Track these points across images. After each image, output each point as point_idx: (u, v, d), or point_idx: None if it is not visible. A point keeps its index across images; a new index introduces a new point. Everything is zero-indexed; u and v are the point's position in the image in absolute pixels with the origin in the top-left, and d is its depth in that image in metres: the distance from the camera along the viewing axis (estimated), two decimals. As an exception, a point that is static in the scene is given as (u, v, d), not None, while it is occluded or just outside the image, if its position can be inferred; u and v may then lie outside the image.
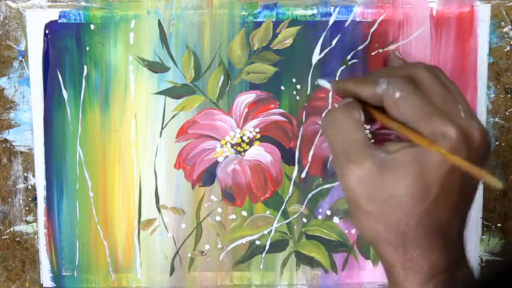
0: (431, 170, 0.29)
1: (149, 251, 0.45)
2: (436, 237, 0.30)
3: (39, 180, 0.44)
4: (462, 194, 0.31)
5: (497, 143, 0.44)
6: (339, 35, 0.43)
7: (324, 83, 0.39)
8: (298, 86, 0.44)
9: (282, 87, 0.44)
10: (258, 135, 0.44)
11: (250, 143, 0.44)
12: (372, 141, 0.44)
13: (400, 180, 0.30)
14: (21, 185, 0.44)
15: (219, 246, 0.45)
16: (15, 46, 0.43)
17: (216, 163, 0.44)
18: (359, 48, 0.43)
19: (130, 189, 0.44)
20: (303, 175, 0.44)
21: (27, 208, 0.45)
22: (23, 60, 0.43)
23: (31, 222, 0.45)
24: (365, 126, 0.33)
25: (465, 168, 0.29)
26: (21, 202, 0.44)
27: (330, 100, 0.44)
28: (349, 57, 0.43)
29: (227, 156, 0.44)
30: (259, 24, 0.43)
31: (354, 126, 0.32)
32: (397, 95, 0.30)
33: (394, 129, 0.32)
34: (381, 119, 0.32)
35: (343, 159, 0.31)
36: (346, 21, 0.43)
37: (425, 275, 0.30)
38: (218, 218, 0.45)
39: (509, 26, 0.43)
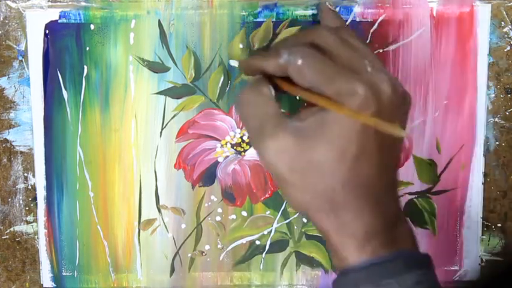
0: (343, 130, 0.29)
1: (149, 251, 0.45)
2: (365, 198, 0.30)
3: (39, 180, 0.44)
4: (382, 150, 0.30)
5: (497, 143, 0.44)
6: (339, 35, 0.43)
7: (234, 63, 0.39)
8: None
9: (282, 87, 0.44)
10: (258, 135, 0.44)
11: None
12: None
13: (316, 146, 0.29)
14: (21, 185, 0.44)
15: (219, 246, 0.45)
16: (15, 46, 0.43)
17: (216, 163, 0.44)
18: (359, 48, 0.43)
19: (130, 189, 0.44)
20: (303, 175, 0.44)
21: (27, 208, 0.45)
22: (23, 60, 0.43)
23: (31, 222, 0.45)
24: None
25: (374, 125, 0.28)
26: (21, 202, 0.44)
27: (330, 100, 0.44)
28: (349, 57, 0.43)
29: (227, 157, 0.44)
30: (259, 24, 0.43)
31: (264, 102, 0.32)
32: (299, 62, 0.30)
33: (303, 98, 0.32)
34: (288, 89, 0.32)
35: (259, 136, 0.31)
36: (346, 21, 0.43)
37: (361, 239, 0.30)
38: (218, 218, 0.45)
39: (509, 26, 0.43)
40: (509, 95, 0.44)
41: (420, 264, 0.30)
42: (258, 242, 0.45)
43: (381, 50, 0.43)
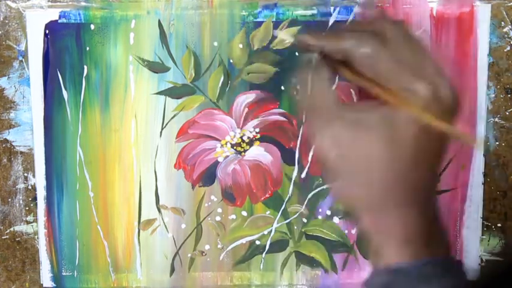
0: (402, 129, 0.28)
1: (149, 251, 0.45)
2: (413, 201, 0.30)
3: (39, 180, 0.44)
4: (435, 153, 0.30)
5: (497, 143, 0.44)
6: (339, 35, 0.43)
7: (283, 35, 0.37)
8: (298, 86, 0.44)
9: (282, 87, 0.44)
10: (258, 135, 0.44)
11: (250, 143, 0.44)
12: None
13: (373, 140, 0.29)
14: (21, 185, 0.44)
15: (219, 246, 0.45)
16: (15, 46, 0.43)
17: (216, 163, 0.44)
18: (359, 48, 0.43)
19: (130, 189, 0.44)
20: (303, 175, 0.44)
21: (27, 208, 0.45)
22: (23, 60, 0.43)
23: (31, 222, 0.45)
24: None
25: (437, 126, 0.28)
26: (21, 202, 0.44)
27: (330, 100, 0.44)
28: (349, 57, 0.43)
29: (227, 156, 0.44)
30: (259, 24, 0.43)
31: (323, 87, 0.31)
32: (366, 50, 0.29)
33: (362, 86, 0.31)
34: (348, 76, 0.31)
35: (315, 121, 0.30)
36: (346, 21, 0.43)
37: (402, 242, 0.29)
38: (218, 218, 0.45)
39: (509, 26, 0.43)
40: (509, 95, 0.44)
41: (456, 270, 0.30)
42: (258, 242, 0.45)
43: (380, 50, 0.43)
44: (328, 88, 0.31)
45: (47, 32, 0.42)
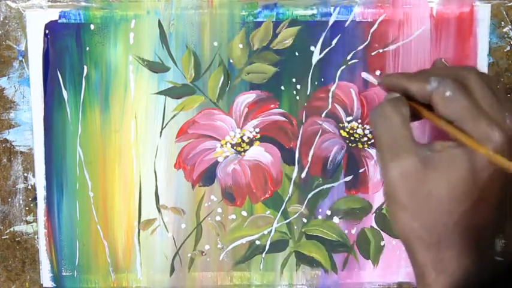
0: (475, 172, 0.29)
1: (149, 251, 0.45)
2: (471, 240, 0.30)
3: (39, 180, 0.44)
4: (501, 197, 0.31)
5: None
6: (339, 35, 0.43)
7: (368, 76, 0.40)
8: (298, 86, 0.44)
9: (282, 87, 0.44)
10: (258, 135, 0.44)
11: (250, 143, 0.44)
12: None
13: (443, 180, 0.30)
14: (21, 185, 0.44)
15: (219, 246, 0.45)
16: (15, 46, 0.43)
17: (216, 163, 0.44)
18: (359, 48, 0.43)
19: (130, 189, 0.44)
20: (303, 175, 0.44)
21: (27, 208, 0.45)
22: (23, 60, 0.43)
23: (31, 222, 0.45)
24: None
25: (509, 168, 0.29)
26: (21, 202, 0.44)
27: (330, 100, 0.44)
28: (349, 57, 0.43)
29: (227, 156, 0.44)
30: (259, 24, 0.43)
31: (401, 122, 0.32)
32: (447, 94, 0.31)
33: (440, 127, 0.32)
34: (427, 116, 0.33)
35: (388, 153, 0.31)
36: (346, 21, 0.43)
37: (454, 279, 0.30)
38: (218, 218, 0.45)
39: (509, 26, 0.43)
40: (509, 95, 0.44)
41: None
42: (258, 242, 0.45)
43: (381, 50, 0.43)
44: (405, 123, 0.32)
45: (47, 32, 0.42)
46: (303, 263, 0.45)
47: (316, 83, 0.44)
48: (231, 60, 0.43)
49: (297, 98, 0.44)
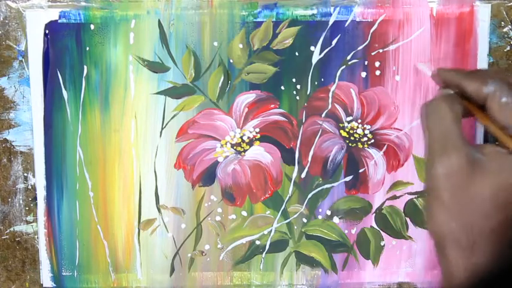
0: None
1: (149, 251, 0.45)
2: (505, 248, 0.30)
3: (39, 180, 0.44)
4: None
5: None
6: (339, 35, 0.43)
7: (424, 67, 0.38)
8: (298, 86, 0.44)
9: (282, 87, 0.44)
10: (258, 135, 0.44)
11: (250, 143, 0.44)
12: None
13: (489, 184, 0.29)
14: (21, 185, 0.44)
15: (219, 246, 0.45)
16: (15, 46, 0.43)
17: (216, 163, 0.44)
18: (359, 48, 0.43)
19: (130, 189, 0.44)
20: (303, 175, 0.44)
21: (27, 208, 0.45)
22: (23, 60, 0.43)
23: (31, 222, 0.45)
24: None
25: None
26: (21, 202, 0.44)
27: (330, 100, 0.44)
28: (349, 57, 0.43)
29: (227, 156, 0.44)
30: (259, 24, 0.43)
31: (453, 119, 0.31)
32: (504, 99, 0.30)
33: (492, 131, 0.32)
34: (481, 118, 0.32)
35: (438, 149, 0.31)
36: (346, 21, 0.43)
37: (485, 284, 0.30)
38: (218, 218, 0.45)
39: (509, 26, 0.43)
40: None
41: None
42: (258, 242, 0.45)
43: (381, 50, 0.43)
44: (456, 120, 0.31)
45: (47, 32, 0.42)
46: (303, 263, 0.45)
47: (316, 83, 0.44)
48: (231, 60, 0.43)
49: (297, 98, 0.44)
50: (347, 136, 0.44)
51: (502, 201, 0.29)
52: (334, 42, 0.43)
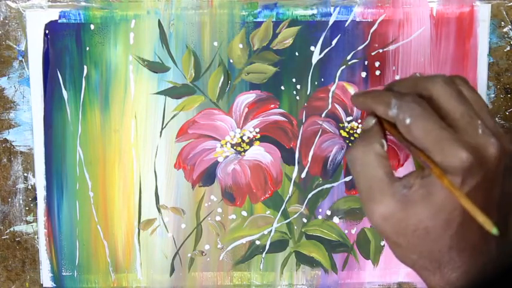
0: (448, 199, 0.29)
1: (149, 251, 0.45)
2: (471, 258, 0.30)
3: (39, 180, 0.44)
4: (489, 201, 0.30)
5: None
6: (339, 35, 0.43)
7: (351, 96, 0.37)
8: (298, 86, 0.44)
9: (282, 87, 0.44)
10: (258, 135, 0.44)
11: (250, 143, 0.44)
12: None
13: (422, 213, 0.29)
14: (21, 185, 0.44)
15: (219, 246, 0.45)
16: (15, 46, 0.43)
17: (216, 163, 0.44)
18: (359, 48, 0.43)
19: (130, 189, 0.44)
20: (303, 175, 0.44)
21: (27, 208, 0.45)
22: (23, 60, 0.43)
23: (31, 222, 0.45)
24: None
25: (464, 205, 0.28)
26: (21, 202, 0.44)
27: (330, 100, 0.44)
28: (349, 57, 0.43)
29: (227, 156, 0.44)
30: (259, 24, 0.43)
31: (375, 162, 0.31)
32: (407, 121, 0.29)
33: (408, 149, 0.31)
34: (397, 138, 0.32)
35: (367, 197, 0.31)
36: (346, 21, 0.43)
37: None
38: (218, 218, 0.45)
39: (509, 26, 0.43)
40: (509, 95, 0.44)
41: None
42: (258, 242, 0.45)
43: (380, 50, 0.43)
44: (379, 162, 0.31)
45: (47, 32, 0.42)
46: (303, 263, 0.45)
47: (316, 83, 0.44)
48: (231, 60, 0.43)
49: (297, 98, 0.44)
50: (347, 136, 0.44)
51: (441, 223, 0.29)
52: (334, 42, 0.43)
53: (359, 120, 0.44)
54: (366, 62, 0.43)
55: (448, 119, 0.30)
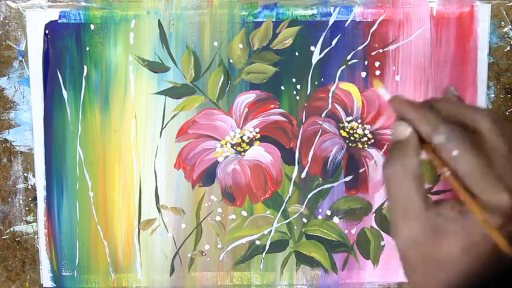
0: (482, 241, 0.29)
1: (149, 251, 0.45)
2: (483, 283, 0.30)
3: (39, 180, 0.44)
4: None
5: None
6: (339, 35, 0.43)
7: (383, 92, 0.34)
8: (298, 86, 0.44)
9: (282, 87, 0.44)
10: (258, 135, 0.44)
11: (250, 143, 0.44)
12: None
13: (453, 247, 0.29)
14: (21, 185, 0.44)
15: (219, 246, 0.45)
16: (15, 46, 0.43)
17: (216, 163, 0.44)
18: (359, 48, 0.43)
19: (130, 189, 0.44)
20: (303, 175, 0.44)
21: (27, 208, 0.45)
22: (23, 60, 0.43)
23: (31, 222, 0.45)
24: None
25: (501, 246, 0.28)
26: (21, 202, 0.44)
27: (330, 100, 0.44)
28: (349, 57, 0.43)
29: (227, 156, 0.44)
30: (259, 24, 0.43)
31: (412, 183, 0.30)
32: (455, 152, 0.29)
33: (448, 181, 0.30)
34: (436, 163, 0.31)
35: (400, 217, 0.30)
36: (346, 21, 0.43)
37: None
38: (218, 218, 0.45)
39: (509, 26, 0.43)
40: (509, 95, 0.44)
41: None
42: (258, 242, 0.45)
43: (380, 50, 0.43)
44: (413, 181, 0.30)
45: (47, 32, 0.42)
46: (303, 263, 0.45)
47: (316, 83, 0.44)
48: (231, 60, 0.43)
49: (297, 98, 0.44)
50: (347, 136, 0.44)
51: (469, 260, 0.29)
52: (334, 42, 0.43)
53: (359, 120, 0.44)
54: (366, 62, 0.43)
55: (491, 156, 0.29)
